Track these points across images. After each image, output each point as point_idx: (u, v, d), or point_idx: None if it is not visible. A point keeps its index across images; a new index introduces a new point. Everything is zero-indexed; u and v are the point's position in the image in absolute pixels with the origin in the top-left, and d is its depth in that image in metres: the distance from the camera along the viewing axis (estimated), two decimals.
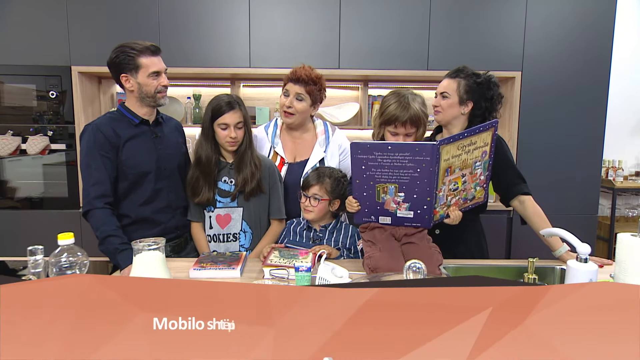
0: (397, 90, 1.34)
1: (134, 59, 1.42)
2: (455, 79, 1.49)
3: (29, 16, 2.52)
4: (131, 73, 1.44)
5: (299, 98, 1.58)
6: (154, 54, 1.45)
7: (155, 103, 1.49)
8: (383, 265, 1.23)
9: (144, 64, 1.43)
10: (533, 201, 1.47)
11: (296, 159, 1.67)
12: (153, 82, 1.45)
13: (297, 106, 1.58)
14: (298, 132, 1.69)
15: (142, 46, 1.43)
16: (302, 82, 1.56)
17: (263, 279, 1.25)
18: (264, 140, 1.70)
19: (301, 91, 1.57)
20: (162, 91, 1.48)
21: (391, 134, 1.33)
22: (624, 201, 3.41)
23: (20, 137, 2.58)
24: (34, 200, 2.68)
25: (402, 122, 1.28)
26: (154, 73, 1.44)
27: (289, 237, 1.55)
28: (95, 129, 1.44)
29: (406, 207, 1.24)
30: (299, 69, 1.58)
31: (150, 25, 2.55)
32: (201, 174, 1.51)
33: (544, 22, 2.62)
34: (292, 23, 2.61)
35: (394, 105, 1.30)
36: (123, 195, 1.48)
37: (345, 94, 3.01)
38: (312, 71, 1.59)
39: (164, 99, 1.51)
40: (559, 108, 2.66)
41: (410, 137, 1.31)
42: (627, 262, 1.05)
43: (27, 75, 2.55)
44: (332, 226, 1.53)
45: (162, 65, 1.48)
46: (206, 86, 2.93)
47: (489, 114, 1.51)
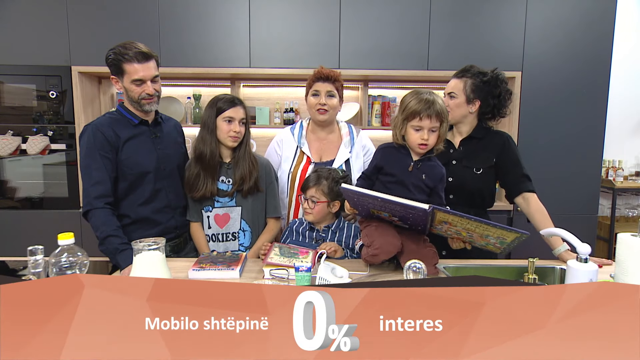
0: (415, 89, 1.32)
1: (119, 64, 1.41)
2: (461, 79, 1.51)
3: (29, 16, 2.52)
4: (118, 76, 1.45)
5: (330, 95, 1.64)
6: (140, 61, 1.40)
7: (141, 109, 1.47)
8: (377, 237, 1.24)
9: (127, 70, 1.41)
10: (537, 199, 1.48)
11: (322, 159, 1.70)
12: (136, 89, 1.43)
13: (330, 102, 1.64)
14: (324, 132, 1.73)
15: (131, 52, 1.39)
16: (330, 79, 1.64)
17: (263, 279, 1.25)
18: (290, 141, 1.72)
19: (331, 88, 1.64)
20: (146, 98, 1.45)
21: (414, 130, 1.28)
22: (624, 201, 3.41)
23: (20, 137, 2.58)
24: (34, 200, 2.68)
25: (428, 114, 1.25)
26: (137, 80, 1.42)
27: (291, 237, 1.55)
28: (94, 129, 1.44)
29: (402, 223, 1.28)
30: (323, 69, 1.66)
31: (150, 25, 2.55)
32: (202, 169, 1.51)
33: (544, 22, 2.62)
34: (292, 23, 2.61)
35: (417, 99, 1.27)
36: (122, 195, 1.48)
37: (346, 94, 2.99)
38: (333, 70, 1.67)
39: (150, 106, 1.47)
40: (559, 108, 2.66)
41: (434, 132, 1.28)
42: (627, 262, 1.05)
43: (27, 75, 2.56)
44: (335, 226, 1.53)
45: (148, 72, 1.42)
46: (206, 86, 2.93)
47: (497, 111, 1.54)
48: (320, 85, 1.64)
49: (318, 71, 1.65)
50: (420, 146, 1.28)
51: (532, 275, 1.22)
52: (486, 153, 1.52)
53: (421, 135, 1.27)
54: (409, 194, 1.33)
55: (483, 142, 1.53)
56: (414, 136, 1.28)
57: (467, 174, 1.51)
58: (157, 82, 1.48)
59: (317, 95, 1.64)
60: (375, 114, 2.90)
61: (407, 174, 1.32)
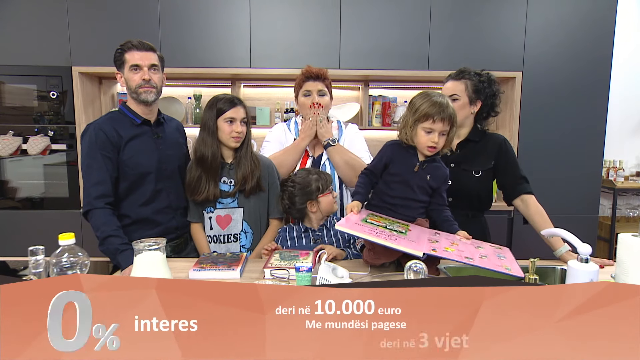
0: (426, 91, 1.32)
1: (122, 55, 1.46)
2: (460, 81, 1.51)
3: (30, 17, 2.52)
4: (120, 69, 1.48)
5: (321, 94, 1.65)
6: (139, 49, 1.45)
7: (138, 98, 1.48)
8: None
9: (127, 58, 1.45)
10: (535, 200, 1.48)
11: (315, 154, 1.72)
12: (134, 77, 1.45)
13: (322, 101, 1.65)
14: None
15: (133, 42, 1.45)
16: (320, 78, 1.65)
17: (264, 280, 1.25)
18: (288, 134, 1.75)
19: (322, 87, 1.65)
20: (143, 86, 1.46)
21: (425, 132, 1.27)
22: (625, 201, 3.41)
23: (21, 138, 2.59)
24: (34, 200, 2.68)
25: (442, 117, 1.24)
26: (134, 66, 1.45)
27: (285, 244, 1.52)
28: (96, 129, 1.44)
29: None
30: (311, 68, 1.66)
31: (151, 26, 2.56)
32: (204, 172, 1.49)
33: (544, 23, 2.62)
34: (293, 23, 2.61)
35: (430, 101, 1.27)
36: (123, 196, 1.48)
37: (346, 94, 3.01)
38: (321, 68, 1.68)
39: (147, 94, 1.47)
40: (560, 108, 2.66)
41: (444, 136, 1.28)
42: (628, 263, 1.05)
43: (28, 76, 2.56)
44: (329, 223, 1.54)
45: (146, 60, 1.45)
46: (207, 86, 2.93)
47: (491, 110, 1.55)
48: (311, 85, 1.64)
49: (307, 70, 1.65)
50: (429, 149, 1.28)
51: (533, 275, 1.21)
52: (484, 156, 1.52)
53: (432, 137, 1.27)
54: (412, 194, 1.33)
55: (480, 144, 1.54)
56: (424, 138, 1.28)
57: (466, 177, 1.51)
58: (157, 74, 1.49)
59: (308, 95, 1.65)
60: (376, 114, 2.90)
61: (412, 174, 1.31)
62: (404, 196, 1.33)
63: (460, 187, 1.49)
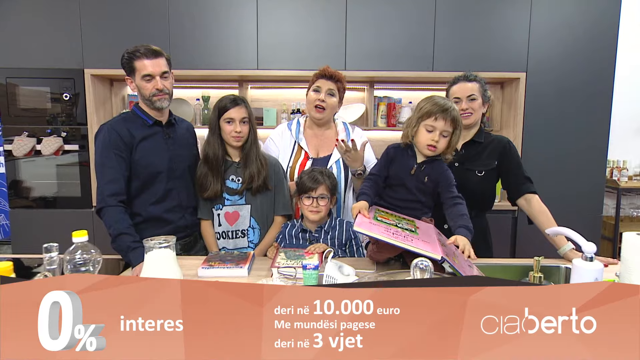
0: (433, 95, 1.34)
1: (130, 62, 1.46)
2: (473, 82, 1.56)
3: (43, 21, 2.59)
4: (131, 76, 1.49)
5: (330, 93, 1.66)
6: (149, 57, 1.44)
7: (152, 106, 1.50)
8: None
9: (137, 67, 1.45)
10: (539, 200, 1.49)
11: (319, 155, 1.73)
12: (147, 85, 1.47)
13: (329, 101, 1.66)
14: (321, 129, 1.75)
15: (141, 50, 1.44)
16: (333, 78, 1.66)
17: (271, 278, 1.27)
18: (288, 136, 1.75)
19: (333, 87, 1.65)
20: (157, 94, 1.48)
21: (427, 130, 1.28)
22: (629, 201, 3.39)
23: (35, 138, 2.65)
24: (48, 199, 2.74)
25: (443, 116, 1.26)
26: (146, 76, 1.46)
27: (285, 241, 1.55)
28: (110, 129, 1.47)
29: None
30: (328, 68, 1.68)
31: (160, 29, 2.60)
32: (209, 170, 1.55)
33: (548, 24, 2.62)
34: (299, 25, 2.64)
35: (434, 101, 1.28)
36: (135, 194, 1.51)
37: (352, 95, 3.03)
38: (338, 71, 1.69)
39: (161, 102, 1.49)
40: (564, 108, 2.66)
41: (445, 137, 1.29)
42: (632, 262, 1.06)
43: (41, 78, 2.62)
44: (327, 225, 1.53)
45: (157, 68, 1.45)
46: (215, 88, 2.97)
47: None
48: (322, 82, 1.66)
49: (323, 69, 1.67)
50: (429, 147, 1.29)
51: (538, 273, 1.22)
52: (488, 156, 1.55)
53: (432, 136, 1.28)
54: (412, 196, 1.35)
55: (485, 145, 1.56)
56: (425, 136, 1.29)
57: (470, 176, 1.53)
58: (168, 80, 1.51)
59: (317, 91, 1.66)
60: (381, 115, 2.91)
61: (409, 177, 1.33)
62: (404, 198, 1.35)
63: (463, 186, 1.51)
